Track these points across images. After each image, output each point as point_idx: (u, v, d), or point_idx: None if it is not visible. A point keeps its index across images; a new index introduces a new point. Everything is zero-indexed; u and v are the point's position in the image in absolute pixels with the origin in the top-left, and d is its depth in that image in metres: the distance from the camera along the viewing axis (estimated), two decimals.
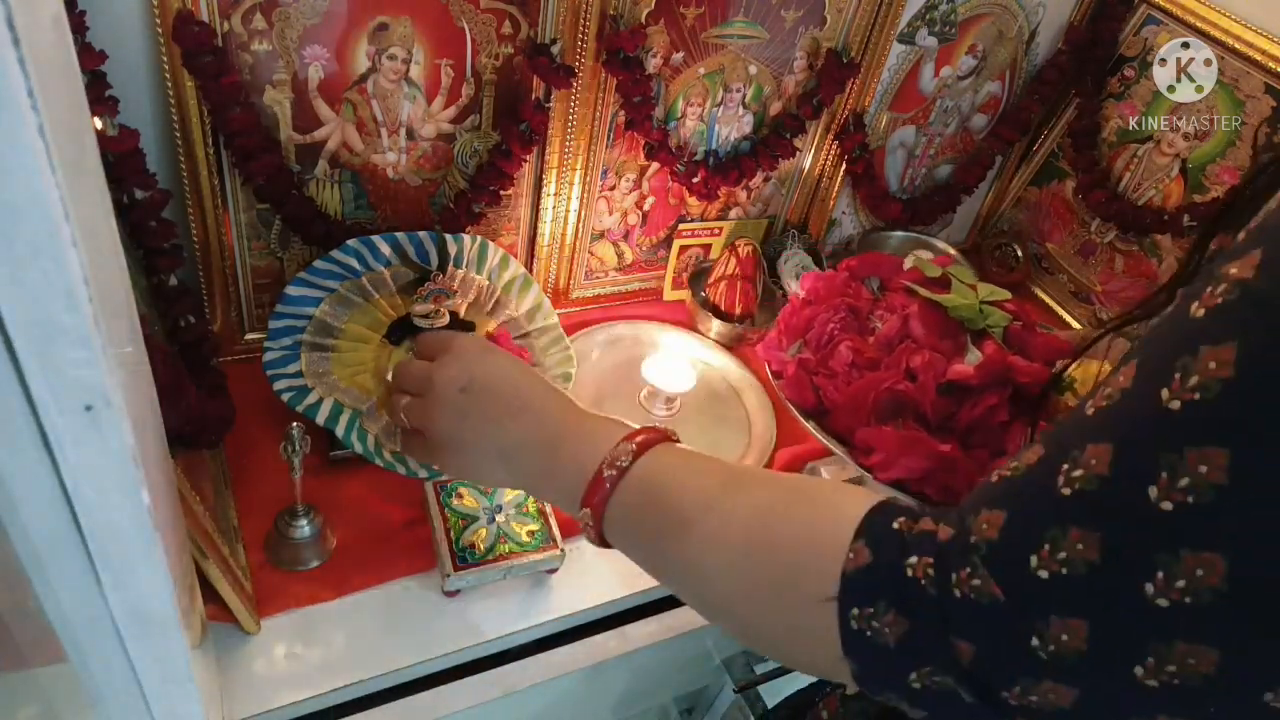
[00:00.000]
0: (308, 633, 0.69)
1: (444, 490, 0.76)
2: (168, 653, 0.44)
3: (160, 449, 0.48)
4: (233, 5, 0.69)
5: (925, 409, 0.75)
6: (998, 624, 0.35)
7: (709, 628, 0.81)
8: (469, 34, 0.79)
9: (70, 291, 0.28)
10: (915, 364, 0.76)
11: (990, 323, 0.81)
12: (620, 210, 1.01)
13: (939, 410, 0.75)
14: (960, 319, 0.80)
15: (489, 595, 0.74)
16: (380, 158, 0.83)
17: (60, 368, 0.29)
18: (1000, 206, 1.32)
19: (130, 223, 0.69)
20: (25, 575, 0.37)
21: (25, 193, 0.25)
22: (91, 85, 0.65)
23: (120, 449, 0.33)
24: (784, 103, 1.02)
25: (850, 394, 0.77)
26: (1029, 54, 1.15)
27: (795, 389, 0.81)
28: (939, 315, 0.80)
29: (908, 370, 0.77)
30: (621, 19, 0.84)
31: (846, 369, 0.79)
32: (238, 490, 0.75)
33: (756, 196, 1.10)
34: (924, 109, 1.12)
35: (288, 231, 0.82)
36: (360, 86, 0.77)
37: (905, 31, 1.02)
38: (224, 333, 0.85)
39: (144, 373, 0.45)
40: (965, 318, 0.80)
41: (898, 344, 0.79)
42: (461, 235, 0.88)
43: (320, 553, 0.73)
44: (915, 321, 0.80)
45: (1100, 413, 0.34)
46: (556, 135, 0.89)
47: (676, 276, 1.10)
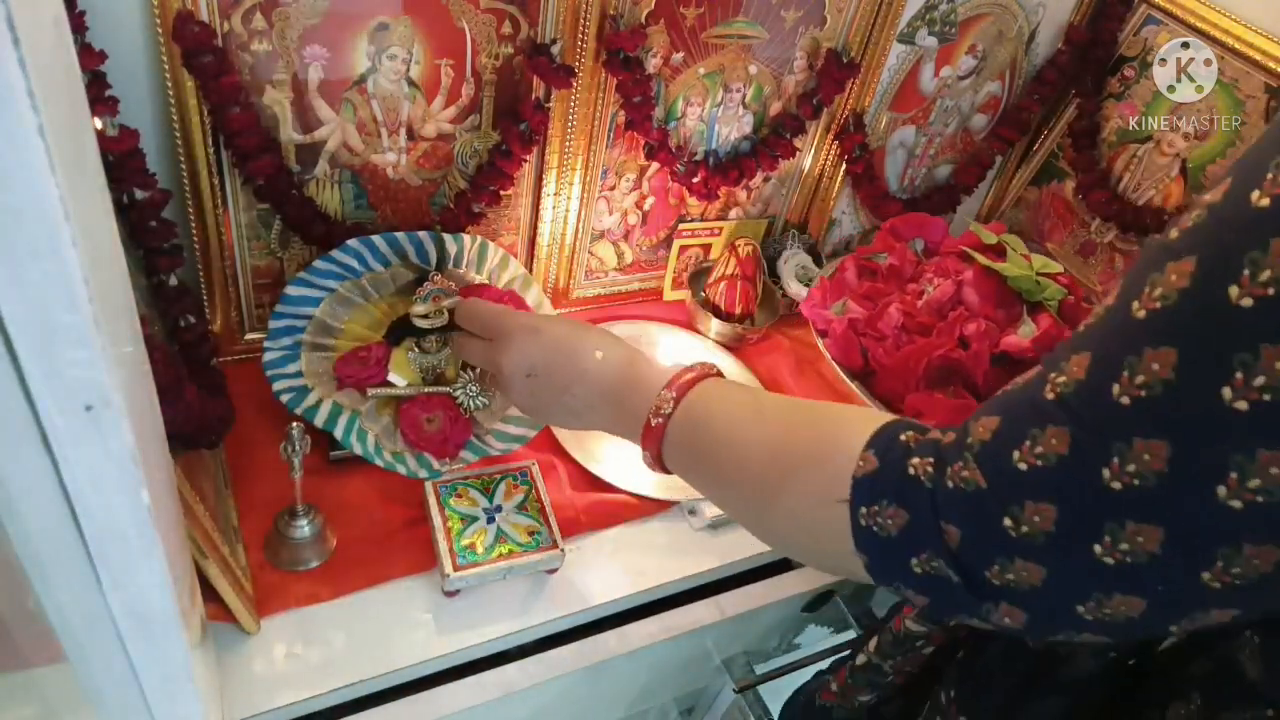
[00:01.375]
0: (308, 633, 0.69)
1: (444, 490, 0.76)
2: (168, 653, 0.44)
3: (160, 449, 0.48)
4: (233, 5, 0.68)
5: (977, 378, 0.73)
6: (979, 508, 0.40)
7: (709, 628, 0.81)
8: (469, 34, 0.79)
9: (70, 291, 0.28)
10: (969, 332, 0.75)
11: (1047, 295, 0.78)
12: (620, 210, 1.01)
13: (991, 380, 0.73)
14: (1019, 290, 0.78)
15: (489, 595, 0.74)
16: (380, 158, 0.83)
17: (60, 368, 0.29)
18: (1000, 206, 1.32)
19: (130, 223, 0.69)
20: (25, 575, 0.37)
21: (25, 193, 0.25)
22: (91, 85, 0.65)
23: (120, 449, 0.33)
24: (784, 103, 1.02)
25: (901, 358, 0.75)
26: (1029, 54, 1.15)
27: (842, 349, 0.79)
28: (994, 283, 0.78)
29: (961, 338, 0.75)
30: (621, 19, 0.84)
31: (895, 331, 0.77)
32: (238, 490, 0.75)
33: (756, 196, 1.10)
34: (924, 109, 1.12)
35: (288, 231, 0.82)
36: (360, 86, 0.77)
37: (905, 31, 1.02)
38: (224, 333, 0.85)
39: (144, 373, 0.45)
40: (1024, 289, 0.78)
41: (949, 309, 0.77)
42: (461, 235, 0.88)
43: (320, 553, 0.73)
44: (969, 288, 0.78)
45: (1087, 328, 0.39)
46: (556, 135, 0.89)
47: (676, 276, 1.10)
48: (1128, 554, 0.35)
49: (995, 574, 0.40)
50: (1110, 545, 0.36)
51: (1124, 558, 0.36)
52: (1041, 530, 0.37)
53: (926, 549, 0.42)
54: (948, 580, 0.42)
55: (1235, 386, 0.32)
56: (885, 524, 0.44)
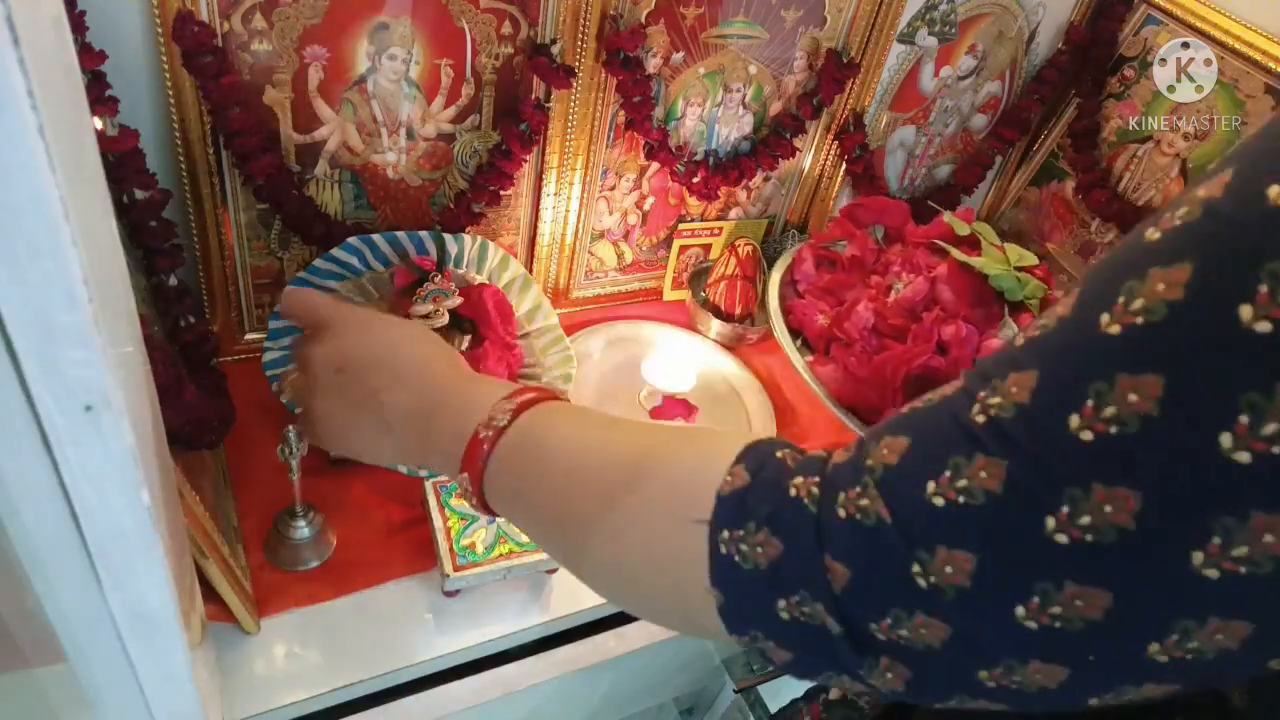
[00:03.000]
0: (308, 633, 0.69)
1: (444, 490, 0.76)
2: (168, 653, 0.44)
3: (160, 449, 0.48)
4: (233, 5, 0.68)
5: None
6: (879, 547, 0.33)
7: None
8: (469, 34, 0.79)
9: (70, 291, 0.28)
10: (947, 336, 0.68)
11: (1028, 294, 0.72)
12: (620, 210, 1.01)
13: None
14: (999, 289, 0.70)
15: (489, 595, 0.74)
16: (380, 158, 0.83)
17: (60, 368, 0.29)
18: (1000, 206, 1.32)
19: (130, 223, 0.69)
20: (25, 575, 0.37)
21: (25, 193, 0.25)
22: (91, 85, 0.65)
23: (120, 449, 0.33)
24: (784, 103, 1.02)
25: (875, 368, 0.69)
26: (1029, 54, 1.15)
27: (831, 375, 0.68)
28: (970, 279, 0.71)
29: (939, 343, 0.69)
30: (621, 19, 0.84)
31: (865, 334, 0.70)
32: (238, 490, 0.75)
33: (756, 196, 1.10)
34: (924, 109, 1.12)
35: (288, 231, 0.82)
36: (360, 86, 0.77)
37: (905, 31, 1.02)
38: (224, 333, 0.85)
39: (144, 373, 0.45)
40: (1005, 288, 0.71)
41: (922, 309, 0.70)
42: (461, 235, 0.88)
43: (320, 553, 0.73)
44: (944, 286, 0.71)
45: (1031, 341, 0.32)
46: (556, 135, 0.89)
47: (676, 276, 1.10)
48: (1058, 619, 0.29)
49: (885, 628, 0.33)
50: (1038, 608, 0.29)
51: (1053, 622, 0.29)
52: (953, 584, 0.31)
53: (801, 589, 0.34)
54: (823, 631, 0.34)
55: (1237, 434, 0.25)
56: (752, 553, 0.36)
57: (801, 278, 0.93)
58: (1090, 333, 0.29)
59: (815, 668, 0.37)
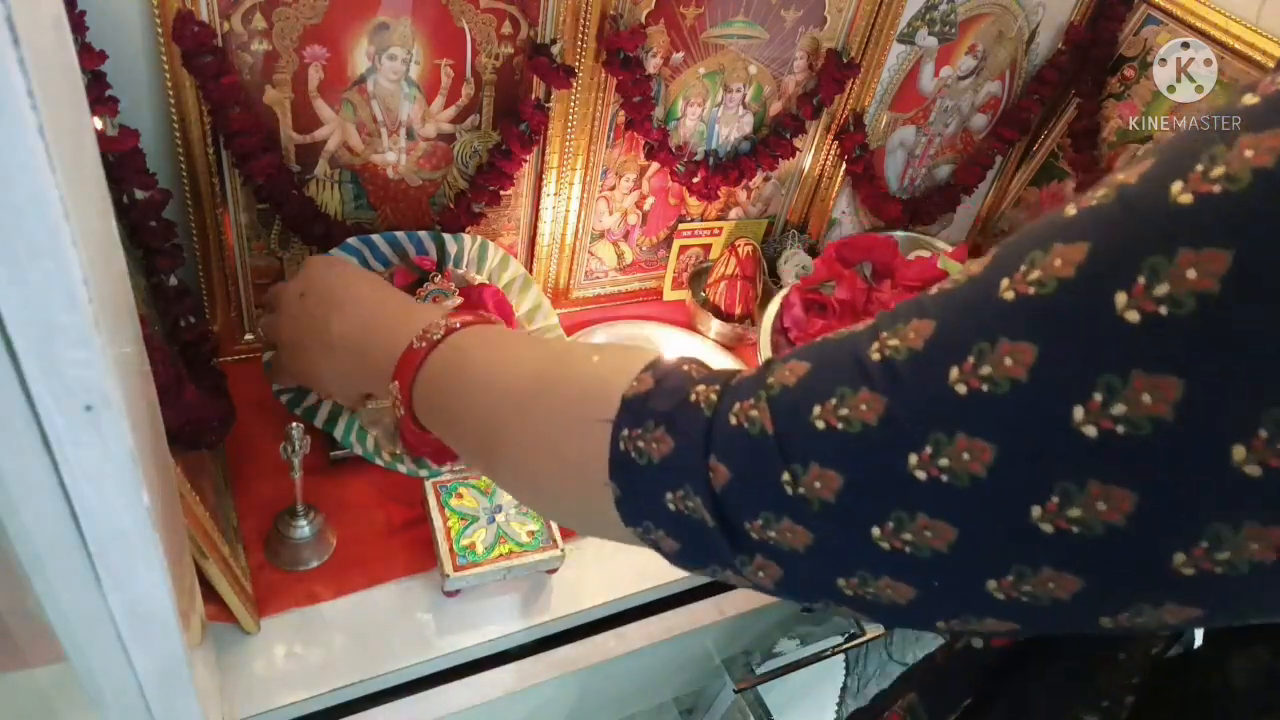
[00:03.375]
0: (308, 633, 0.69)
1: (444, 490, 0.76)
2: (168, 653, 0.44)
3: (160, 449, 0.48)
4: (233, 5, 0.68)
5: None
6: (758, 453, 0.36)
7: (709, 628, 0.81)
8: (469, 34, 0.79)
9: (70, 291, 0.28)
10: None
11: None
12: (620, 210, 1.01)
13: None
14: None
15: (489, 595, 0.74)
16: (380, 158, 0.83)
17: (60, 368, 0.29)
18: (1000, 206, 1.32)
19: (130, 223, 0.69)
20: (25, 575, 0.37)
21: (25, 193, 0.25)
22: (91, 85, 0.65)
23: (120, 449, 0.33)
24: (784, 103, 1.02)
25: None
26: (1029, 54, 1.15)
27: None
28: None
29: None
30: (621, 19, 0.84)
31: None
32: (238, 490, 0.76)
33: (756, 196, 1.10)
34: (924, 109, 1.12)
35: (288, 231, 0.82)
36: (360, 86, 0.77)
37: (905, 31, 1.02)
38: (224, 333, 0.85)
39: (144, 373, 0.45)
40: None
41: None
42: (461, 235, 0.88)
43: (320, 553, 0.73)
44: None
45: (941, 293, 0.34)
46: (556, 135, 0.89)
47: (676, 276, 1.10)
48: (909, 544, 0.32)
49: (757, 528, 0.36)
50: (891, 532, 0.32)
51: (904, 547, 0.32)
52: (819, 497, 0.34)
53: (686, 483, 0.38)
54: (702, 524, 0.38)
55: (1089, 409, 0.27)
56: (648, 449, 0.39)
57: (792, 324, 0.95)
58: (990, 294, 0.31)
59: (698, 560, 0.40)
